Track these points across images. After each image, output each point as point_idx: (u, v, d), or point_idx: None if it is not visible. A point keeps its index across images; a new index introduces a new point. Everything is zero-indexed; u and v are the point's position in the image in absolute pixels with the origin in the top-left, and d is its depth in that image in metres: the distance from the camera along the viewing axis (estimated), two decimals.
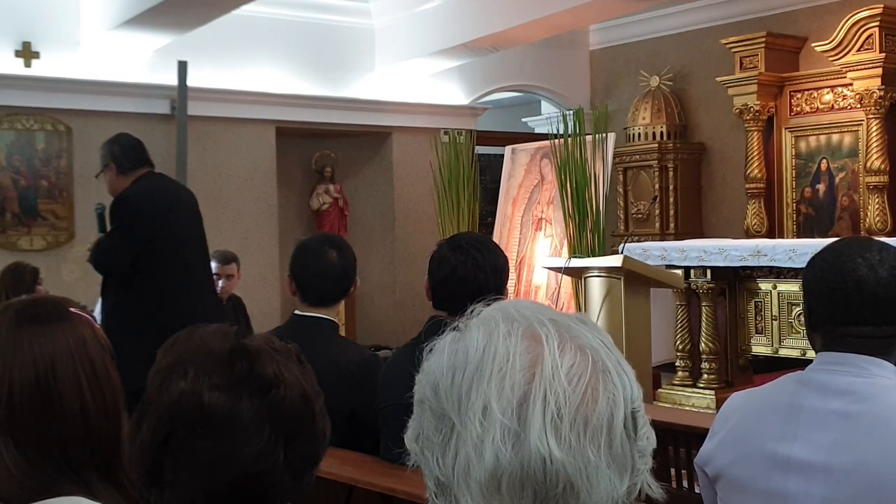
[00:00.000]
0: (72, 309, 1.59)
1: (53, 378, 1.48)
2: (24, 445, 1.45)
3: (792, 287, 5.57)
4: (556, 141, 7.32)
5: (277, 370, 1.27)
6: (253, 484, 1.24)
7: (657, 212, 8.26)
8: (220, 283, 6.01)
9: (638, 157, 8.39)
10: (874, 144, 7.02)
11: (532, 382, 0.88)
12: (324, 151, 8.31)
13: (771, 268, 5.68)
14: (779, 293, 5.70)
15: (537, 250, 7.91)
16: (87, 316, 1.61)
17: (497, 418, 0.87)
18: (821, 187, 7.57)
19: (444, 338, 0.95)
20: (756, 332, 5.84)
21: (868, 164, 7.05)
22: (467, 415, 0.88)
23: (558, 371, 0.88)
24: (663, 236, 8.04)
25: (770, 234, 7.56)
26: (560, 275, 6.54)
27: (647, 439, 0.93)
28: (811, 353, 1.90)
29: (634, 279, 5.49)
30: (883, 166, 6.99)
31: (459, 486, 0.89)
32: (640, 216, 8.37)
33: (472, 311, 0.96)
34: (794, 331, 5.61)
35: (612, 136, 7.38)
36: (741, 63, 7.70)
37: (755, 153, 7.67)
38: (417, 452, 0.94)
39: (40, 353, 1.49)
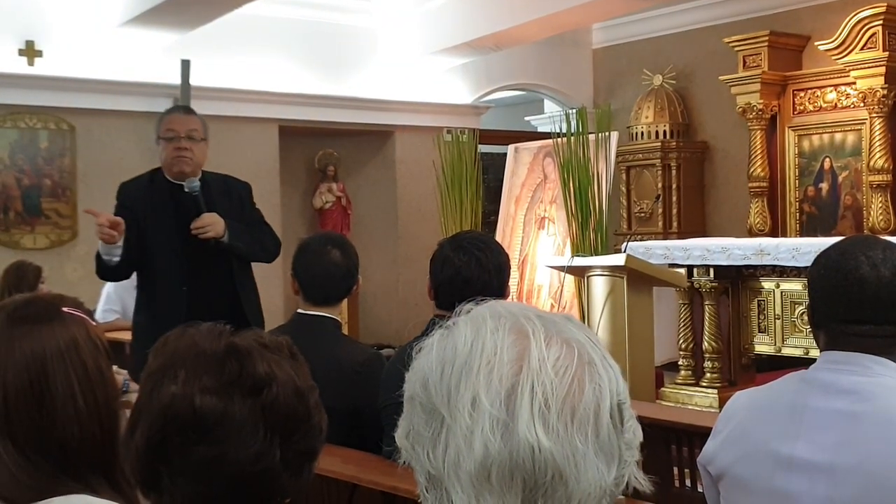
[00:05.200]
0: (65, 308, 1.56)
1: (45, 380, 1.47)
2: (23, 446, 1.45)
3: (795, 286, 5.56)
4: (559, 140, 7.31)
5: (268, 368, 1.25)
6: (251, 484, 1.23)
7: (660, 210, 8.25)
8: None
9: (641, 155, 8.38)
10: (877, 143, 7.00)
11: (520, 374, 0.90)
12: (327, 150, 8.31)
13: (774, 266, 5.68)
14: (782, 292, 5.70)
15: (540, 249, 7.90)
16: (82, 315, 1.58)
17: (486, 409, 0.88)
18: (824, 186, 7.56)
19: (431, 336, 0.96)
20: (759, 331, 5.83)
21: (871, 163, 7.04)
22: (457, 407, 0.90)
23: (545, 363, 0.90)
24: (666, 235, 8.03)
25: (773, 233, 7.55)
26: (563, 274, 6.54)
27: (634, 433, 0.94)
28: (814, 352, 1.90)
29: (637, 278, 5.49)
30: (886, 165, 6.98)
31: (450, 477, 0.90)
32: (642, 215, 8.36)
33: (460, 310, 0.97)
34: (797, 330, 5.61)
35: (614, 135, 7.38)
36: (744, 62, 7.69)
37: (758, 152, 7.66)
38: (408, 449, 0.95)
39: (31, 355, 1.48)
